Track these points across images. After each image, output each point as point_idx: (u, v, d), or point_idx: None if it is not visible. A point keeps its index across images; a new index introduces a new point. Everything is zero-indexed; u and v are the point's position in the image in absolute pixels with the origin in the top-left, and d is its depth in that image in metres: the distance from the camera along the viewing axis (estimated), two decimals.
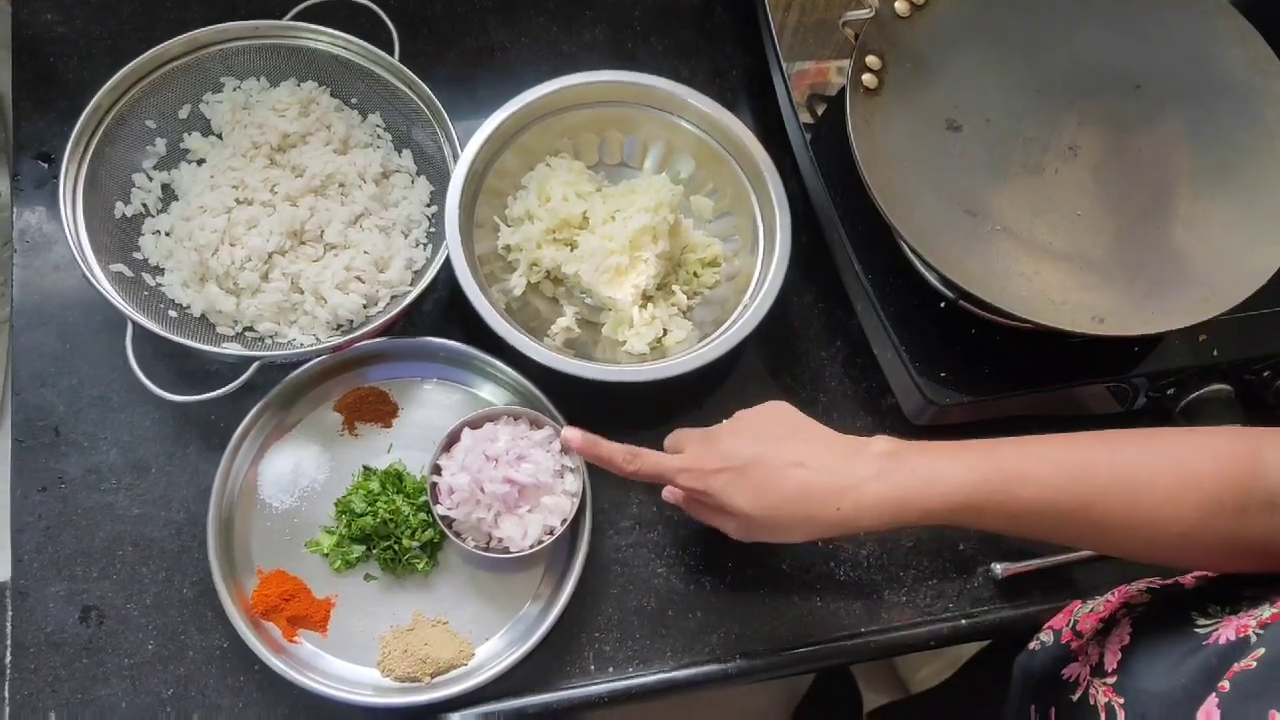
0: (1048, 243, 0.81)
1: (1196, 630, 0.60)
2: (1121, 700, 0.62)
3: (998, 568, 0.86)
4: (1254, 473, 0.58)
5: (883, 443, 0.68)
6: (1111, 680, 0.64)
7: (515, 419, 0.82)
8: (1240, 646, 0.56)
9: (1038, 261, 0.81)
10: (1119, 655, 0.65)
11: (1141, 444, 0.63)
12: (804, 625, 0.84)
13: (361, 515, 0.80)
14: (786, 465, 0.68)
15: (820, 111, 0.94)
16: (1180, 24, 0.89)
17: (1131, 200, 0.83)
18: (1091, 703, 0.65)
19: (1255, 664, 0.54)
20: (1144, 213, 0.83)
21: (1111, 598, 0.75)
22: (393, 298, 0.86)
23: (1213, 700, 0.54)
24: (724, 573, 0.85)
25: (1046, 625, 0.79)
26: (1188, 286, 0.80)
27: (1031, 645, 0.78)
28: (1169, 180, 0.84)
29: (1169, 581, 0.72)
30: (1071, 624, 0.75)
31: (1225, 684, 0.54)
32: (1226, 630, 0.58)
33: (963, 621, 0.85)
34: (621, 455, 0.73)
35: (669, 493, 0.76)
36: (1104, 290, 0.80)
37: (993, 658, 1.04)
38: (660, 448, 0.88)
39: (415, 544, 0.80)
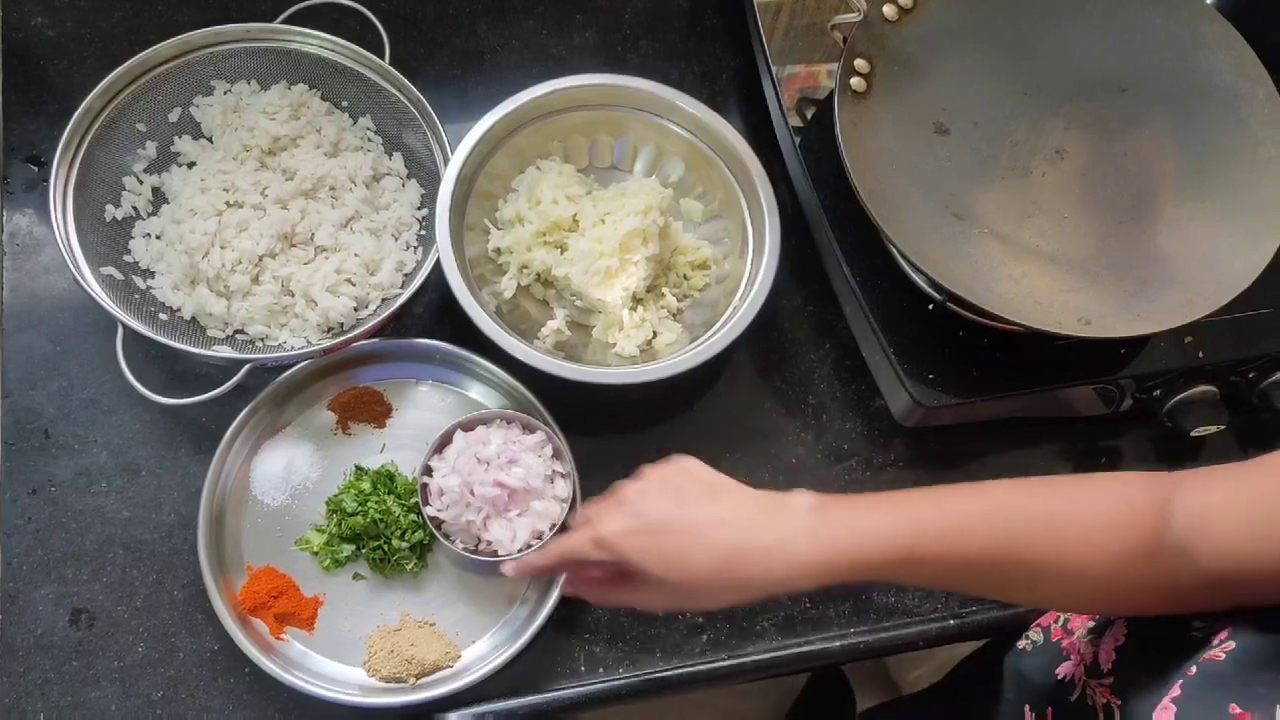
0: (1035, 245, 0.82)
1: (1194, 632, 0.61)
2: (1120, 701, 0.62)
3: None
4: (1164, 520, 0.58)
5: (805, 498, 0.64)
6: (1108, 681, 0.64)
7: (508, 422, 0.83)
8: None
9: (1025, 264, 0.81)
10: (1114, 655, 0.65)
11: (1060, 491, 0.63)
12: (794, 625, 0.85)
13: (352, 515, 0.81)
14: (709, 525, 0.63)
15: (809, 115, 0.94)
16: (1166, 28, 0.90)
17: (1118, 203, 0.84)
18: (1090, 704, 0.65)
19: (1223, 656, 0.54)
20: (1130, 215, 0.84)
21: None
22: (383, 300, 0.86)
23: (1177, 685, 0.54)
24: None
25: (1035, 623, 0.79)
26: (1173, 289, 0.80)
27: (1021, 644, 0.79)
28: (1155, 183, 0.85)
29: None
30: (1062, 621, 0.76)
31: (1193, 668, 0.55)
32: (1219, 629, 0.59)
33: (951, 622, 0.85)
34: (541, 559, 0.71)
35: (568, 586, 0.72)
36: (1090, 292, 0.80)
37: (985, 658, 1.05)
38: (652, 448, 0.89)
39: (405, 545, 0.80)
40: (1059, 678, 0.70)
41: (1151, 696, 0.58)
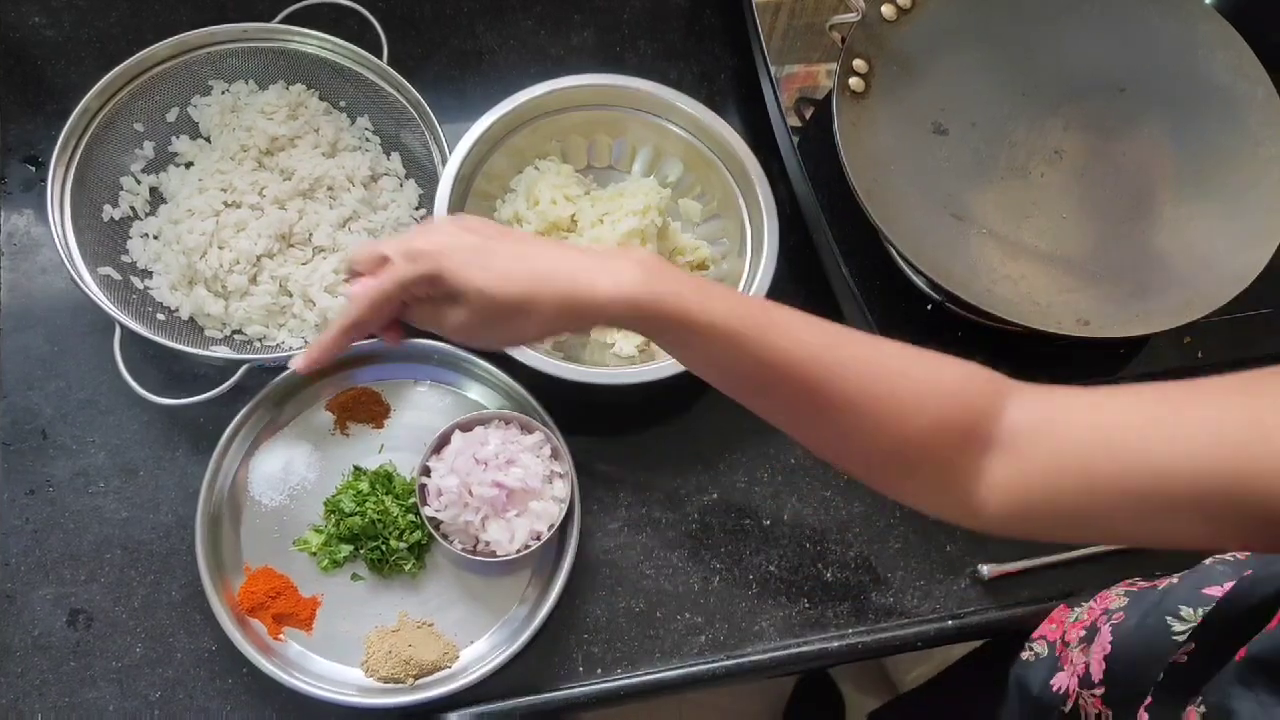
0: (1033, 246, 0.82)
1: (1174, 638, 0.61)
2: (1111, 713, 0.62)
3: (984, 569, 0.87)
4: (990, 411, 0.55)
5: (644, 252, 0.59)
6: (1099, 691, 0.64)
7: (506, 423, 0.83)
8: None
9: (1023, 265, 0.81)
10: (1104, 665, 0.65)
11: (902, 351, 0.58)
12: (792, 626, 0.85)
13: (350, 515, 0.80)
14: (528, 243, 0.59)
15: (808, 115, 0.94)
16: (1165, 29, 0.90)
17: (1116, 204, 0.84)
18: (1082, 715, 0.65)
19: (1185, 658, 0.55)
20: (1128, 216, 0.84)
21: (1093, 604, 0.75)
22: None
23: (1150, 694, 0.54)
24: (711, 574, 0.85)
25: (1039, 635, 0.79)
26: (1172, 289, 0.80)
27: (1025, 655, 0.79)
28: (1153, 184, 0.85)
29: (1146, 585, 0.73)
30: (1063, 636, 0.76)
31: (1160, 673, 0.55)
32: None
33: (949, 623, 0.85)
34: (351, 312, 0.61)
35: (361, 288, 0.60)
36: (1089, 293, 0.80)
37: (983, 657, 1.05)
38: (650, 448, 0.89)
39: (403, 545, 0.80)
40: (1054, 689, 0.70)
41: (1135, 704, 0.59)
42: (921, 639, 0.85)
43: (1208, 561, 0.68)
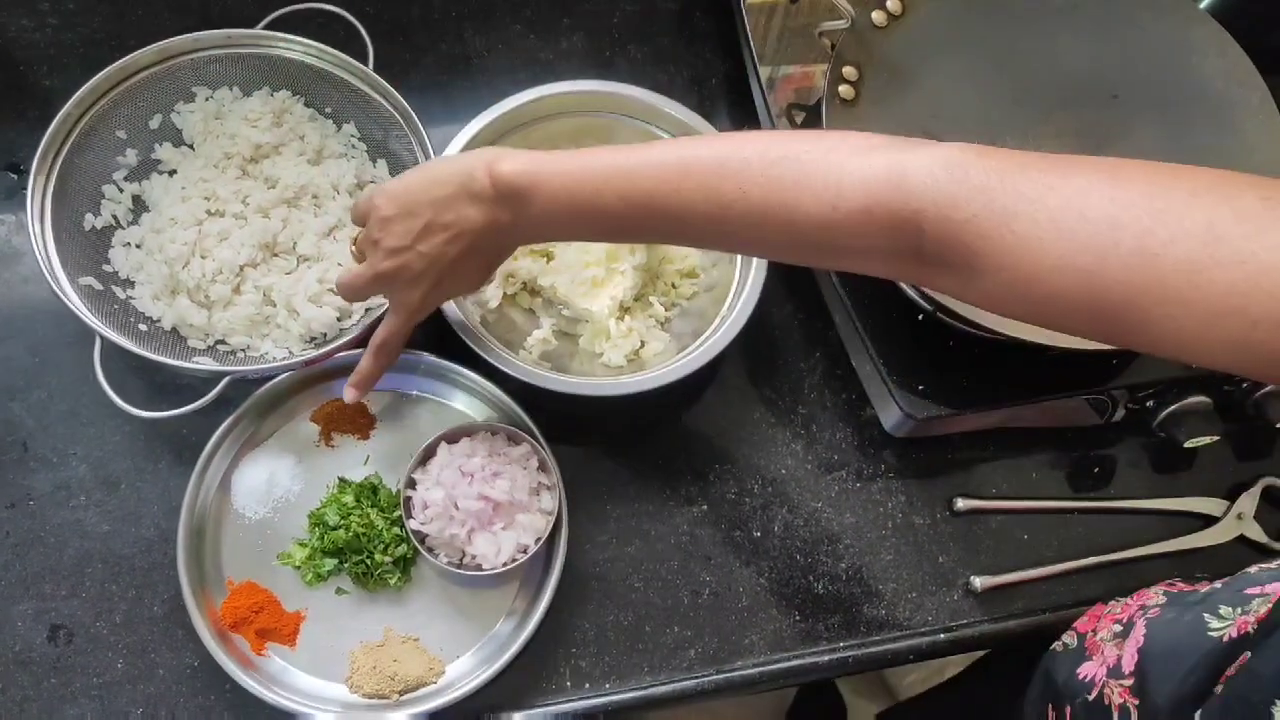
0: None
1: (1210, 634, 0.60)
2: (1136, 702, 0.62)
3: (977, 581, 0.86)
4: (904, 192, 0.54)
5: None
6: (1128, 682, 0.64)
7: (493, 434, 0.82)
8: (1240, 643, 0.56)
9: None
10: (1136, 657, 0.65)
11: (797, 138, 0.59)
12: (783, 639, 0.84)
13: (335, 528, 0.79)
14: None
15: (799, 121, 0.93)
16: (1158, 33, 0.89)
17: None
18: (1106, 703, 0.65)
19: (1239, 671, 0.54)
20: None
21: (1130, 601, 0.75)
22: (366, 310, 0.85)
23: (1213, 702, 0.54)
24: (701, 587, 0.84)
25: (1073, 628, 0.79)
26: None
27: (1055, 646, 0.78)
28: None
29: (1187, 587, 0.73)
30: (1095, 628, 0.75)
31: (1219, 688, 0.54)
32: (1233, 631, 0.58)
33: (941, 635, 0.85)
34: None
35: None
36: None
37: (989, 665, 1.04)
38: (639, 460, 0.88)
39: (388, 559, 0.79)
40: (1080, 677, 0.70)
41: (1170, 699, 0.59)
42: (914, 652, 0.84)
43: (1252, 570, 0.68)
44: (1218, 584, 0.69)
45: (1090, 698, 0.67)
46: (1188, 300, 0.45)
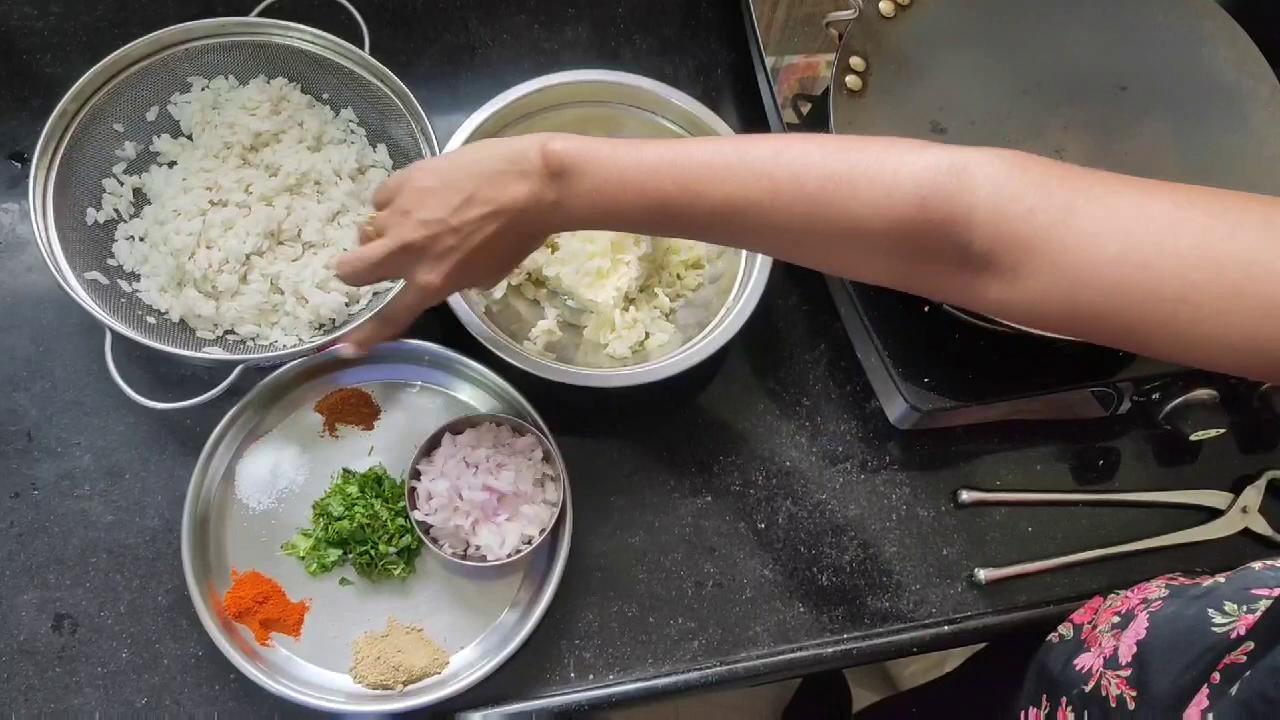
0: None
1: (1214, 629, 0.60)
2: (1134, 693, 0.62)
3: (981, 573, 0.86)
4: (960, 189, 0.54)
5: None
6: (1126, 673, 0.64)
7: (497, 425, 0.81)
8: (1245, 640, 0.57)
9: None
10: (1134, 649, 0.65)
11: (847, 144, 0.59)
12: (787, 631, 0.84)
13: (339, 519, 0.79)
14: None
15: (805, 111, 0.93)
16: (1167, 25, 0.89)
17: None
18: (1103, 694, 0.65)
19: (1244, 658, 0.54)
20: None
21: (1131, 594, 0.75)
22: (374, 295, 0.85)
23: (1204, 691, 0.54)
24: (705, 578, 0.84)
25: (1069, 619, 0.79)
26: None
27: (1051, 637, 0.78)
28: None
29: (1188, 581, 0.73)
30: (1093, 620, 0.75)
31: (1216, 675, 0.54)
32: (1239, 627, 0.58)
33: (945, 627, 0.85)
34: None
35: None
36: None
37: (989, 656, 1.04)
38: (644, 451, 0.88)
39: (392, 549, 0.79)
40: (1076, 668, 0.70)
41: (1170, 691, 0.59)
42: (918, 644, 0.84)
43: (1256, 566, 0.68)
44: (1220, 578, 0.69)
45: (1087, 688, 0.67)
46: (1244, 293, 0.46)
